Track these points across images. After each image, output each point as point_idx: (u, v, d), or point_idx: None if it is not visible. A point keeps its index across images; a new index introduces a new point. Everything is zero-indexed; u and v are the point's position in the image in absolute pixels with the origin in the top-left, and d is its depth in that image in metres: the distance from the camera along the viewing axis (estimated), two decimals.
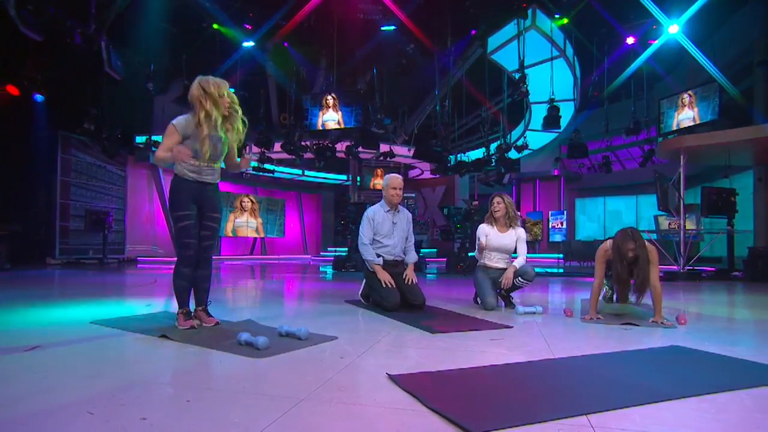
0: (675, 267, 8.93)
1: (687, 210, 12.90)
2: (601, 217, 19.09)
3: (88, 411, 1.50)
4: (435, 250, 17.01)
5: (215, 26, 10.63)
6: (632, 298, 3.45)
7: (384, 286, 3.88)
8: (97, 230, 11.62)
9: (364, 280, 4.25)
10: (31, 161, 10.93)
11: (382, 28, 10.21)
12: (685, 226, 8.93)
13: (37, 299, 4.64)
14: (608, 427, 1.42)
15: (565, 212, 18.31)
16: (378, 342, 2.67)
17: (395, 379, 1.87)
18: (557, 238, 17.90)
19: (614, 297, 3.65)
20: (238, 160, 3.18)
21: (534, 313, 3.76)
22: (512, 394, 1.73)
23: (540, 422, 1.44)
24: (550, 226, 18.41)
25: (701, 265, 9.82)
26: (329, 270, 10.25)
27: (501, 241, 4.13)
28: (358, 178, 16.94)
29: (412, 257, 4.26)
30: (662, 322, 3.25)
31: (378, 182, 16.67)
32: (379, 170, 16.89)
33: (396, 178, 4.17)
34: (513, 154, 13.97)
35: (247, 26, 10.68)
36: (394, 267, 4.11)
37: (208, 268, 3.10)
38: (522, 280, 4.02)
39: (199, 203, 2.98)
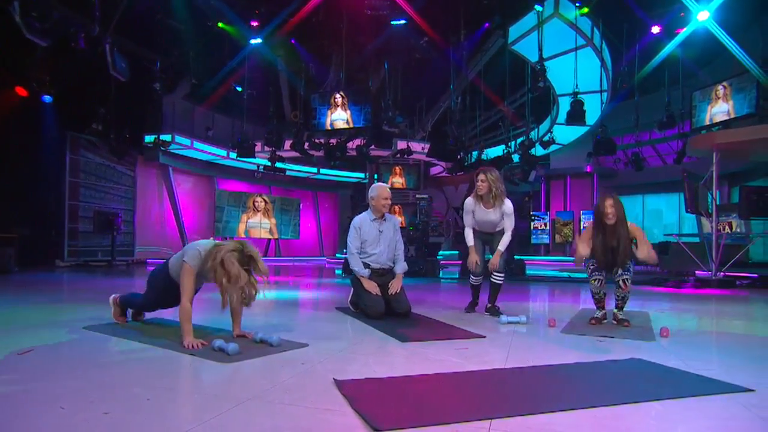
0: (706, 273, 8.89)
1: (730, 210, 12.72)
2: (640, 216, 18.90)
3: (60, 406, 1.90)
4: (457, 252, 17.20)
5: (220, 25, 11.17)
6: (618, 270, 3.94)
7: (369, 294, 4.23)
8: (106, 232, 12.31)
9: (353, 288, 4.60)
10: (39, 162, 11.56)
11: (393, 23, 10.54)
12: (716, 230, 8.90)
13: (42, 303, 5.19)
14: (502, 430, 1.72)
15: None
16: (345, 349, 3.01)
17: (339, 384, 2.21)
18: None
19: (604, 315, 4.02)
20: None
21: (518, 323, 4.03)
22: (435, 399, 2.04)
23: (443, 424, 1.75)
24: (581, 227, 18.35)
25: (748, 271, 9.64)
26: (341, 272, 10.61)
27: (486, 218, 4.47)
28: (375, 176, 17.31)
29: (401, 267, 4.57)
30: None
31: (396, 180, 17.04)
32: (397, 168, 17.21)
33: (385, 189, 4.54)
34: (539, 151, 14.08)
35: (254, 23, 11.19)
36: (382, 276, 4.45)
37: None
38: (497, 275, 4.51)
39: None
